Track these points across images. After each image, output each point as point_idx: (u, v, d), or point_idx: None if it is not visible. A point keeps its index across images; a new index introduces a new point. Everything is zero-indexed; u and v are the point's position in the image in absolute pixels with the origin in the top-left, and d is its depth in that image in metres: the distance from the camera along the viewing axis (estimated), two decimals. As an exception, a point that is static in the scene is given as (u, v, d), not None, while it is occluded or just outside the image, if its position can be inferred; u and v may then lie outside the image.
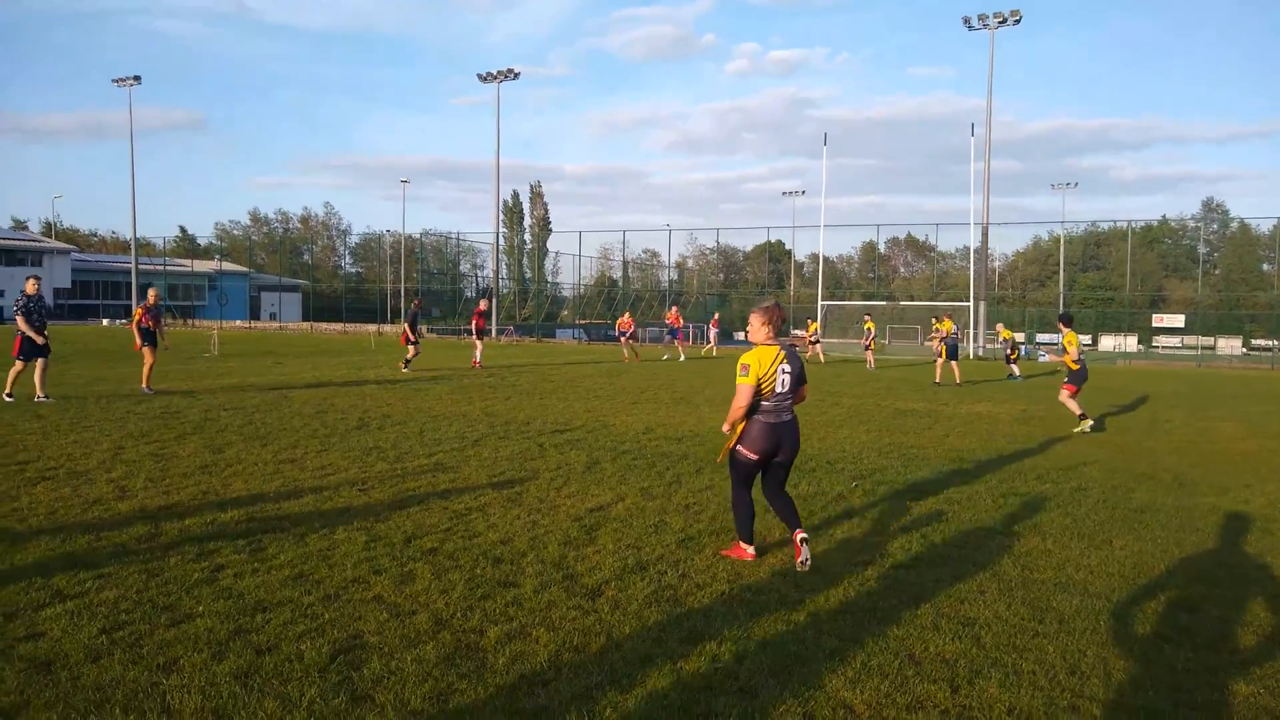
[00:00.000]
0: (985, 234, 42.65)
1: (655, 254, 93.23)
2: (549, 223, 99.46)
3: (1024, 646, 4.48)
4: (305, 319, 71.13)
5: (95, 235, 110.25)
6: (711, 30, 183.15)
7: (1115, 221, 79.72)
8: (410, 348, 22.19)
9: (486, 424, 12.20)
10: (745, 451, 5.77)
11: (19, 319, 13.58)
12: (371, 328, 52.75)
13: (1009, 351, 26.94)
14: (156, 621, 4.51)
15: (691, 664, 4.13)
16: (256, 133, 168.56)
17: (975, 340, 39.89)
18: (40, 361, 13.77)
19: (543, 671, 4.02)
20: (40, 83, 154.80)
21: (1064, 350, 13.73)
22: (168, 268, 79.82)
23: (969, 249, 44.27)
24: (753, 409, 5.70)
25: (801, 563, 5.67)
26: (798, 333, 38.63)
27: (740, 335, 62.74)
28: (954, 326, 23.57)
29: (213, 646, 4.21)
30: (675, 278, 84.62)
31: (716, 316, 39.91)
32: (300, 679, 3.88)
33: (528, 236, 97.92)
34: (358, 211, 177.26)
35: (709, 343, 38.29)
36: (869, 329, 29.68)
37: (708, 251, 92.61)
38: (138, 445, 9.80)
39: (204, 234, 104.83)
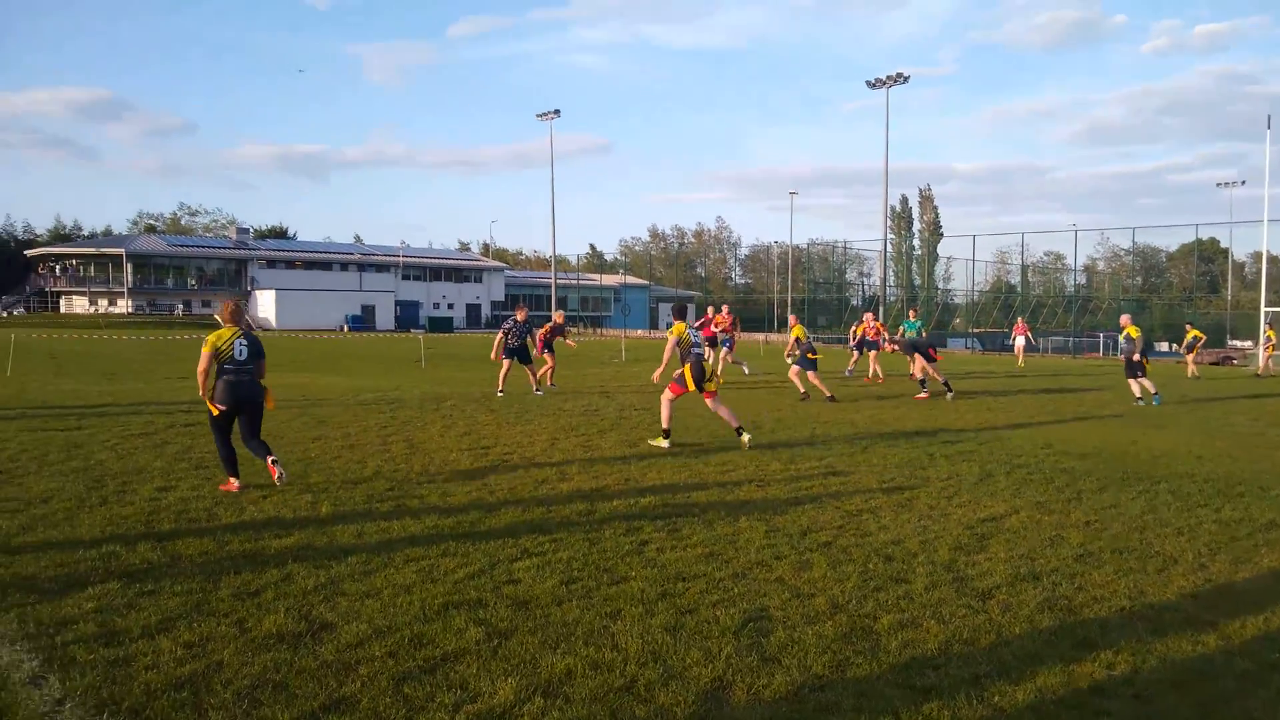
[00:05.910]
0: None
1: (1059, 256, 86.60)
2: (939, 227, 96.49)
3: None
4: (699, 328, 75.23)
5: (521, 254, 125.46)
6: (1123, 10, 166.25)
7: None
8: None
9: (875, 432, 12.46)
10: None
11: (500, 334, 17.28)
12: (760, 336, 54.64)
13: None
14: (600, 579, 5.46)
15: (1084, 668, 4.19)
16: (652, 152, 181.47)
17: None
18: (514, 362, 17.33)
19: (933, 657, 4.32)
20: (480, 120, 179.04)
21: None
22: (580, 281, 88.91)
23: None
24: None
25: (279, 478, 7.74)
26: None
27: (1169, 345, 55.88)
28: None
29: (645, 604, 5.03)
30: (1083, 282, 77.78)
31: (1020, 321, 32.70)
32: (718, 637, 4.54)
33: (916, 242, 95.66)
34: (746, 223, 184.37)
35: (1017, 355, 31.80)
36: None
37: (1122, 252, 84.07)
38: (569, 437, 11.38)
39: (609, 249, 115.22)
